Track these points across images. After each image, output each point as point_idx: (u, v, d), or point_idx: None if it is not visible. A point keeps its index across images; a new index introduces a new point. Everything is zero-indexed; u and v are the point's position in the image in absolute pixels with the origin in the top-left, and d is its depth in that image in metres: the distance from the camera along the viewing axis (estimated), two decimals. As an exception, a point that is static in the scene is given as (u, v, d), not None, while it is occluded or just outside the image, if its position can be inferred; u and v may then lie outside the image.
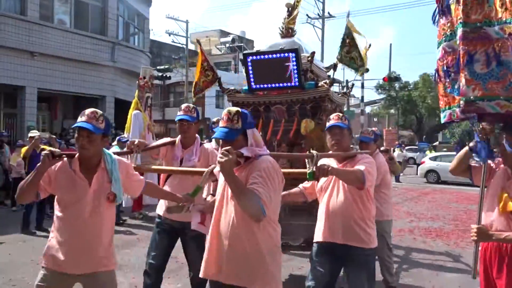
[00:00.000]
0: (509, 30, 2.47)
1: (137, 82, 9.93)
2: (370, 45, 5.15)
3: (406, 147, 29.43)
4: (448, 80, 2.81)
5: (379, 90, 39.81)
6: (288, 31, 5.46)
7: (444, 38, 2.84)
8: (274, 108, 5.02)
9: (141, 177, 3.14)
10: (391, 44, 65.01)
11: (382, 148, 6.43)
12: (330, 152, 3.47)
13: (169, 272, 5.66)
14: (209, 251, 2.63)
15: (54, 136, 9.14)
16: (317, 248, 3.40)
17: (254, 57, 4.83)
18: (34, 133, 8.66)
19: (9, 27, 14.93)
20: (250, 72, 4.89)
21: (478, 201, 2.97)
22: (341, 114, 3.58)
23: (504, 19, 2.49)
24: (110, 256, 2.86)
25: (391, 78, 31.37)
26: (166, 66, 24.92)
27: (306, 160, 2.89)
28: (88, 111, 2.80)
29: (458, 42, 2.64)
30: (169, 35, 29.85)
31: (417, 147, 32.88)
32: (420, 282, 5.50)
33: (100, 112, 2.84)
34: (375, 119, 48.27)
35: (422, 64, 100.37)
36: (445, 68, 2.83)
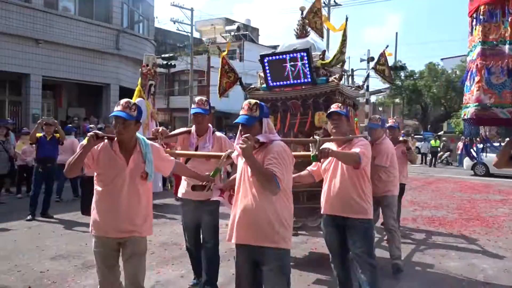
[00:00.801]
0: None
1: (140, 69, 9.93)
2: (347, 18, 5.23)
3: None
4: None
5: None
6: (302, 32, 5.92)
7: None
8: (290, 103, 5.45)
9: (172, 158, 3.66)
10: (397, 33, 64.18)
11: (400, 139, 6.77)
12: (331, 137, 4.02)
13: (172, 259, 5.72)
14: (232, 219, 3.14)
15: (56, 121, 9.10)
16: (323, 220, 4.14)
17: (270, 58, 5.32)
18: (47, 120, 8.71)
19: (13, 14, 14.94)
20: (267, 71, 5.36)
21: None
22: (340, 104, 4.17)
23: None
24: (145, 225, 3.34)
25: (397, 67, 31.12)
26: (171, 54, 24.76)
27: (310, 145, 3.49)
28: (122, 101, 3.26)
29: (474, 58, 3.21)
30: (174, 23, 29.60)
31: (422, 136, 32.73)
32: (423, 270, 5.53)
33: (132, 101, 3.30)
34: (380, 108, 48.04)
35: (428, 53, 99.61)
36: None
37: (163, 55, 23.98)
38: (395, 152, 5.54)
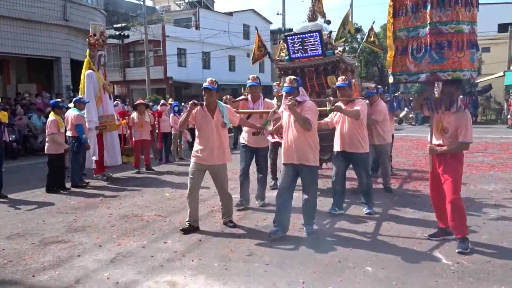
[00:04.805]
0: (433, 31, 4.43)
1: (87, 40, 9.52)
2: (351, 4, 7.09)
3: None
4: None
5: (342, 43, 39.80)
6: (313, 17, 7.93)
7: (396, 31, 4.81)
8: (306, 70, 7.48)
9: (238, 115, 5.86)
10: (352, -5, 64.04)
11: (387, 99, 8.84)
12: (339, 98, 6.10)
13: (133, 231, 5.67)
14: (284, 149, 5.27)
15: None
16: (335, 154, 6.30)
17: (291, 37, 7.32)
18: None
19: None
20: (290, 46, 7.32)
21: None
22: (345, 77, 6.24)
23: (429, 22, 4.45)
24: (225, 156, 5.53)
25: (354, 30, 31.19)
26: (124, 24, 23.74)
27: (327, 103, 5.90)
28: (208, 79, 5.40)
29: (404, 37, 4.72)
30: (125, -9, 28.50)
31: (379, 98, 33.21)
32: (380, 225, 5.71)
33: (214, 79, 5.43)
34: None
35: (383, 14, 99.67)
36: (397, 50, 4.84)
37: (115, 25, 23.01)
38: (387, 111, 7.53)
